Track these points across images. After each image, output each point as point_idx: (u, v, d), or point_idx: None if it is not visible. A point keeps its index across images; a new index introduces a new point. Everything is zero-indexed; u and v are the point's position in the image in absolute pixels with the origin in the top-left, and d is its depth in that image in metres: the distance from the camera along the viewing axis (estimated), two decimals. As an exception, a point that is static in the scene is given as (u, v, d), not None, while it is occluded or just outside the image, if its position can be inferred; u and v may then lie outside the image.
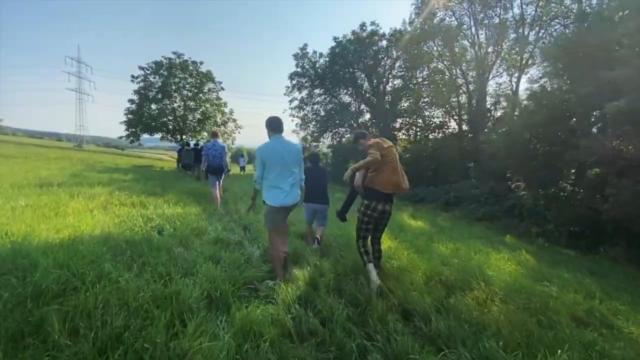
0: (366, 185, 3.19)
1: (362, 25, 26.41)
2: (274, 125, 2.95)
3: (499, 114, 23.29)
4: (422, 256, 4.51)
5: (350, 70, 27.73)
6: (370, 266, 3.07)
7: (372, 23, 26.23)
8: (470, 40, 23.52)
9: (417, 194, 17.16)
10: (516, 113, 14.30)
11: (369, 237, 3.36)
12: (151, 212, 4.52)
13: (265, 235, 3.90)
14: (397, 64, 27.57)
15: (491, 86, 24.29)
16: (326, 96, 29.34)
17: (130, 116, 29.98)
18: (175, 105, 31.97)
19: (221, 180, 6.68)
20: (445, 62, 25.29)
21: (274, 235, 2.99)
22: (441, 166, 21.14)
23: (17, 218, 3.37)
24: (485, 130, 22.19)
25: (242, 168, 29.48)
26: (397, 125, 28.18)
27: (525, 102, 11.42)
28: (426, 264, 3.90)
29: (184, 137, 33.08)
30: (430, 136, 27.17)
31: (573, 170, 10.88)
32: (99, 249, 2.66)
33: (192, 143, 18.05)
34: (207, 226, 4.20)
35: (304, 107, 29.42)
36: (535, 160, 11.91)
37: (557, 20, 18.82)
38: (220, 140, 7.05)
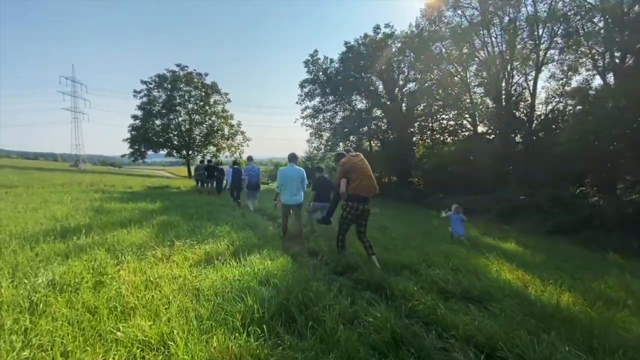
0: (350, 192, 4.11)
1: (376, 27, 25.22)
2: (291, 158, 5.18)
3: (519, 113, 21.95)
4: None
5: (363, 74, 26.40)
6: (373, 258, 4.18)
7: (387, 25, 25.04)
8: (481, 40, 22.42)
9: (461, 204, 15.43)
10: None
11: (346, 233, 4.38)
12: (241, 275, 2.91)
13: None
14: (410, 67, 26.29)
15: (511, 85, 23.06)
16: (339, 103, 27.92)
17: (133, 133, 28.43)
18: (180, 119, 30.50)
19: (257, 194, 8.65)
20: (455, 64, 24.21)
21: (284, 217, 5.26)
22: (473, 172, 19.57)
23: (40, 329, 1.75)
24: (518, 132, 20.86)
25: None
26: (415, 130, 26.83)
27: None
28: None
29: (190, 152, 31.57)
30: (449, 139, 25.93)
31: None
32: None
33: (205, 159, 17.28)
34: (343, 303, 2.58)
35: (317, 115, 27.95)
36: (613, 161, 10.46)
37: (580, 15, 17.67)
38: (254, 164, 8.94)
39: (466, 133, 25.16)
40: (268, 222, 6.86)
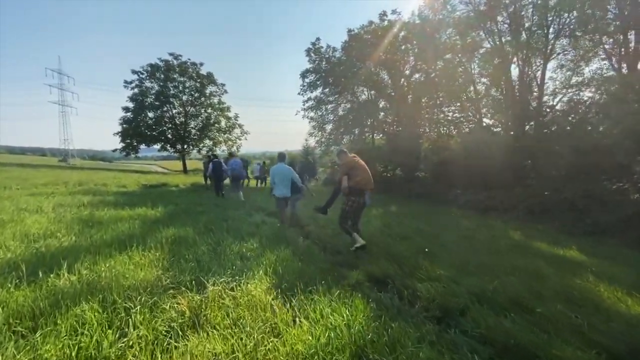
0: (352, 185, 4.57)
1: (382, 14, 23.89)
2: (281, 157, 5.96)
3: (527, 105, 20.91)
4: None
5: (368, 64, 25.09)
6: (356, 235, 4.54)
7: (393, 11, 23.71)
8: (488, 29, 21.22)
9: (481, 201, 14.55)
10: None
11: (346, 224, 4.71)
12: (322, 347, 1.78)
13: None
14: (415, 57, 25.05)
15: (523, 75, 21.86)
16: (342, 94, 26.60)
17: (125, 126, 26.70)
18: (174, 111, 28.83)
19: (240, 185, 9.83)
20: (459, 54, 23.07)
21: (280, 209, 5.97)
22: (488, 166, 18.56)
23: None
24: (528, 124, 19.88)
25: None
26: (422, 122, 25.73)
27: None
28: None
29: (185, 147, 29.95)
30: (454, 132, 24.91)
31: None
32: None
33: (210, 154, 16.81)
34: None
35: (320, 106, 26.61)
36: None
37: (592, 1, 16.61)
38: (236, 159, 10.03)
39: (472, 125, 24.15)
40: (295, 232, 5.72)
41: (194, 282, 2.55)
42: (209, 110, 29.94)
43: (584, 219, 10.54)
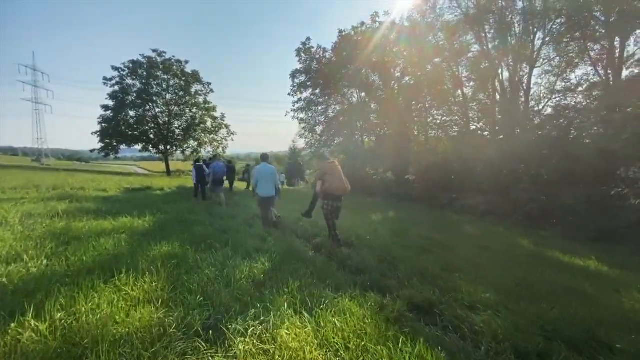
0: (324, 190, 4.92)
1: (374, 15, 23.64)
2: (264, 158, 5.95)
3: (514, 109, 21.09)
4: None
5: (358, 66, 24.77)
6: (338, 238, 5.04)
7: (385, 13, 23.49)
8: (475, 34, 21.32)
9: (477, 205, 14.35)
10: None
11: (334, 225, 5.08)
12: None
13: None
14: (405, 60, 24.92)
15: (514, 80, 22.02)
16: (333, 95, 26.16)
17: (104, 125, 25.23)
18: (157, 110, 27.56)
19: (221, 189, 9.14)
20: (447, 59, 23.10)
21: (263, 210, 5.79)
22: (482, 170, 18.49)
23: None
24: (518, 128, 19.98)
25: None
26: (412, 125, 25.60)
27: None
28: None
29: (168, 147, 28.68)
30: (442, 135, 24.90)
31: None
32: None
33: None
34: None
35: (310, 107, 26.07)
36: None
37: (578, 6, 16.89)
38: (219, 162, 9.60)
39: (463, 130, 24.17)
40: (300, 242, 5.14)
41: (210, 329, 1.93)
42: (194, 110, 28.84)
43: (587, 225, 10.40)
